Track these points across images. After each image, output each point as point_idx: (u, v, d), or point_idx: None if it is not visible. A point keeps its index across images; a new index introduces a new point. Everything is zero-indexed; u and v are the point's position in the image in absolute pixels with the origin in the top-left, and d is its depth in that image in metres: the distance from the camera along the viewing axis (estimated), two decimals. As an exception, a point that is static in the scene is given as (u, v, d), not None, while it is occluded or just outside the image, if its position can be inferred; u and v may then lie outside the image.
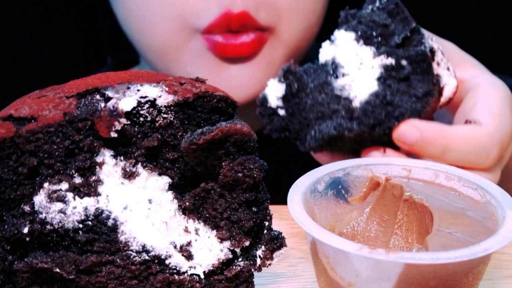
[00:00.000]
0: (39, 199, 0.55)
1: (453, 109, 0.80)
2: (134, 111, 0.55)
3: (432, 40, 0.74)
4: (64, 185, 0.56)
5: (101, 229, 0.57)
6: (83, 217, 0.56)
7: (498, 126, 0.73)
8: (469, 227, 0.58)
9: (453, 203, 0.61)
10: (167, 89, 0.55)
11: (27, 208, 0.55)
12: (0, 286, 0.57)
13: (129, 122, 0.55)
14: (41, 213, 0.56)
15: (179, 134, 0.56)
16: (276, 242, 0.59)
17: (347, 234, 0.63)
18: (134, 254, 0.57)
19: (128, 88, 0.55)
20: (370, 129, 0.73)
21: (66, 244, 0.57)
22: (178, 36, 0.93)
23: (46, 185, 0.55)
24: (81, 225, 0.56)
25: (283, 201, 0.59)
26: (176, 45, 0.94)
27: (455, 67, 0.77)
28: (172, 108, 0.55)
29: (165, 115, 0.55)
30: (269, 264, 0.60)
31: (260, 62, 0.94)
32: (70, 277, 0.56)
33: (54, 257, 0.56)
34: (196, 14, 0.91)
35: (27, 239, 0.55)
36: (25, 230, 0.55)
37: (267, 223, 0.59)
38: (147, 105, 0.55)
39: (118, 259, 0.57)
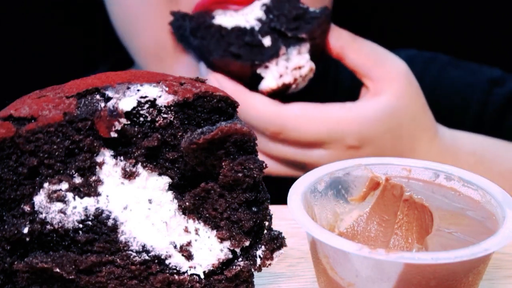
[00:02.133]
0: (39, 199, 0.55)
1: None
2: (134, 111, 0.55)
3: (299, 55, 0.86)
4: (64, 185, 0.56)
5: (101, 229, 0.57)
6: (83, 217, 0.56)
7: (289, 115, 0.83)
8: (469, 227, 0.58)
9: (453, 203, 0.61)
10: (167, 89, 0.55)
11: (27, 208, 0.55)
12: (0, 286, 0.57)
13: (129, 122, 0.55)
14: (41, 213, 0.56)
15: (179, 134, 0.56)
16: (276, 242, 0.59)
17: (347, 234, 0.63)
18: (134, 254, 0.57)
19: (128, 88, 0.55)
20: (190, 32, 0.88)
21: (66, 244, 0.57)
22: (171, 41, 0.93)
23: (46, 185, 0.55)
24: (81, 225, 0.56)
25: (283, 201, 0.59)
26: (171, 46, 0.94)
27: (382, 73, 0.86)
28: (172, 108, 0.55)
29: (165, 115, 0.55)
30: (269, 264, 0.60)
31: None
32: (70, 277, 0.56)
33: (54, 257, 0.56)
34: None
35: (27, 239, 0.55)
36: (25, 230, 0.55)
37: (267, 223, 0.59)
38: (147, 105, 0.55)
39: (118, 259, 0.57)
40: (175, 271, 0.58)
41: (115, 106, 0.54)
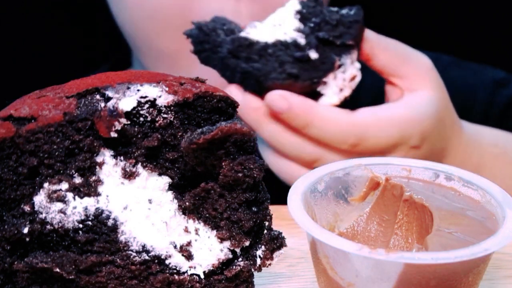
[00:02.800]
0: (39, 199, 0.55)
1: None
2: (134, 111, 0.55)
3: (352, 64, 0.81)
4: (64, 185, 0.56)
5: (101, 229, 0.57)
6: (83, 217, 0.56)
7: (364, 123, 0.78)
8: (469, 227, 0.58)
9: (453, 203, 0.61)
10: (167, 89, 0.55)
11: (27, 208, 0.55)
12: (0, 286, 0.57)
13: (129, 122, 0.55)
14: (41, 213, 0.56)
15: (179, 134, 0.56)
16: (276, 242, 0.59)
17: (347, 234, 0.63)
18: (134, 254, 0.57)
19: (128, 88, 0.55)
20: (228, 53, 0.78)
21: (66, 244, 0.57)
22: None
23: (46, 185, 0.55)
24: (81, 225, 0.56)
25: (283, 201, 0.58)
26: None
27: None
28: (172, 108, 0.55)
29: (165, 115, 0.55)
30: (269, 264, 0.60)
31: None
32: (70, 277, 0.56)
33: (54, 257, 0.56)
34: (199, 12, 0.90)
35: (27, 239, 0.55)
36: (25, 230, 0.55)
37: (267, 223, 0.59)
38: (147, 105, 0.55)
39: (118, 259, 0.57)
40: (175, 271, 0.58)
41: (115, 106, 0.54)
